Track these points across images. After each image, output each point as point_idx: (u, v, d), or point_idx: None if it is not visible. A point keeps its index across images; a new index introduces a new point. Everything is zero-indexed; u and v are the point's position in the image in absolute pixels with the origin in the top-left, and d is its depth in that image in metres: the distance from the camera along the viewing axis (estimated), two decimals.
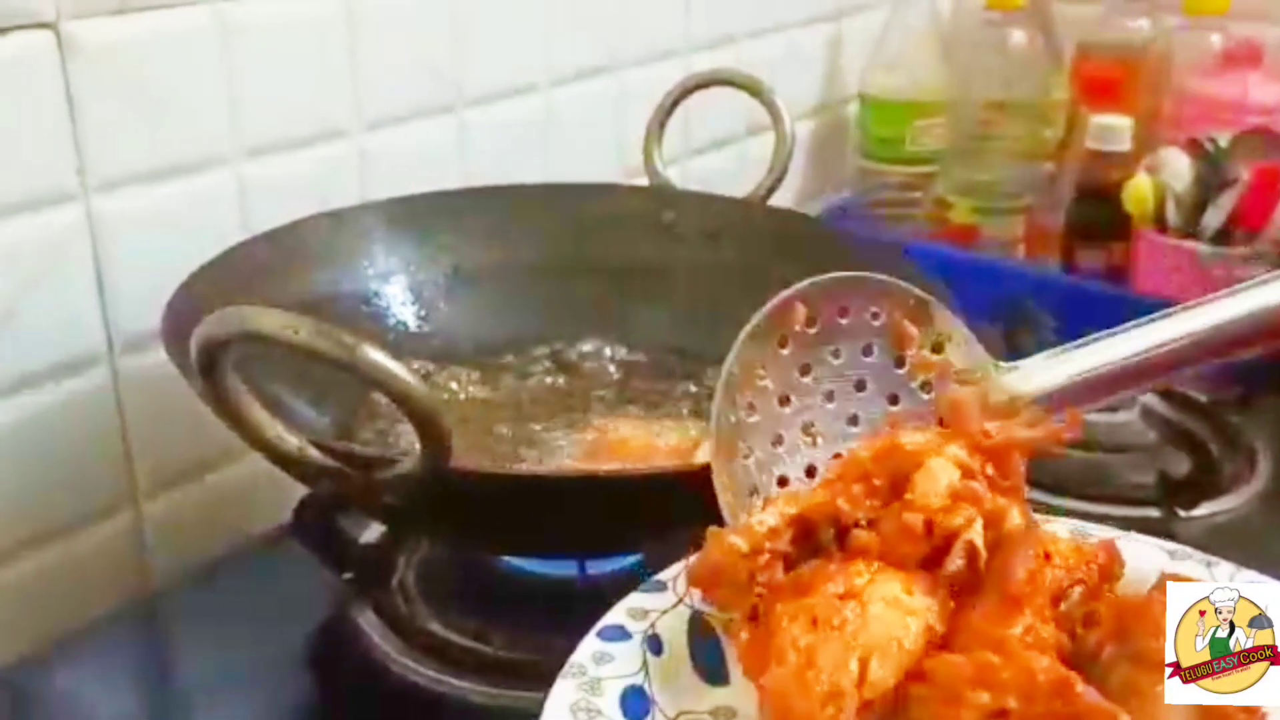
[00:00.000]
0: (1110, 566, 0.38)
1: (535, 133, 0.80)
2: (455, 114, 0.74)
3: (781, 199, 0.69)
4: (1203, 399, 0.70)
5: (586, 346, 0.63)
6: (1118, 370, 0.42)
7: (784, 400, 0.40)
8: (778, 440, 0.40)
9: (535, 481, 0.38)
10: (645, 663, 0.37)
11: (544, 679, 0.49)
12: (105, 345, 0.59)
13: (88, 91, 0.56)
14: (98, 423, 0.60)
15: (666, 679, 0.37)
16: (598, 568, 0.51)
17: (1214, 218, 0.87)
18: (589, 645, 0.37)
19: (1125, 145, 0.92)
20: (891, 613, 0.34)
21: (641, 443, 0.54)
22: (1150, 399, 0.67)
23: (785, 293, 0.40)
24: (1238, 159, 0.87)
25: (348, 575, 0.53)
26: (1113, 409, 0.67)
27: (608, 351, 0.64)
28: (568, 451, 0.54)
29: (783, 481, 0.40)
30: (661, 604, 0.39)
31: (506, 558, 0.53)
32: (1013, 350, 0.75)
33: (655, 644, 0.38)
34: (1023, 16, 1.01)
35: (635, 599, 0.39)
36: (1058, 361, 0.43)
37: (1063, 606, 0.36)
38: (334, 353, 0.32)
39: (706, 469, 0.38)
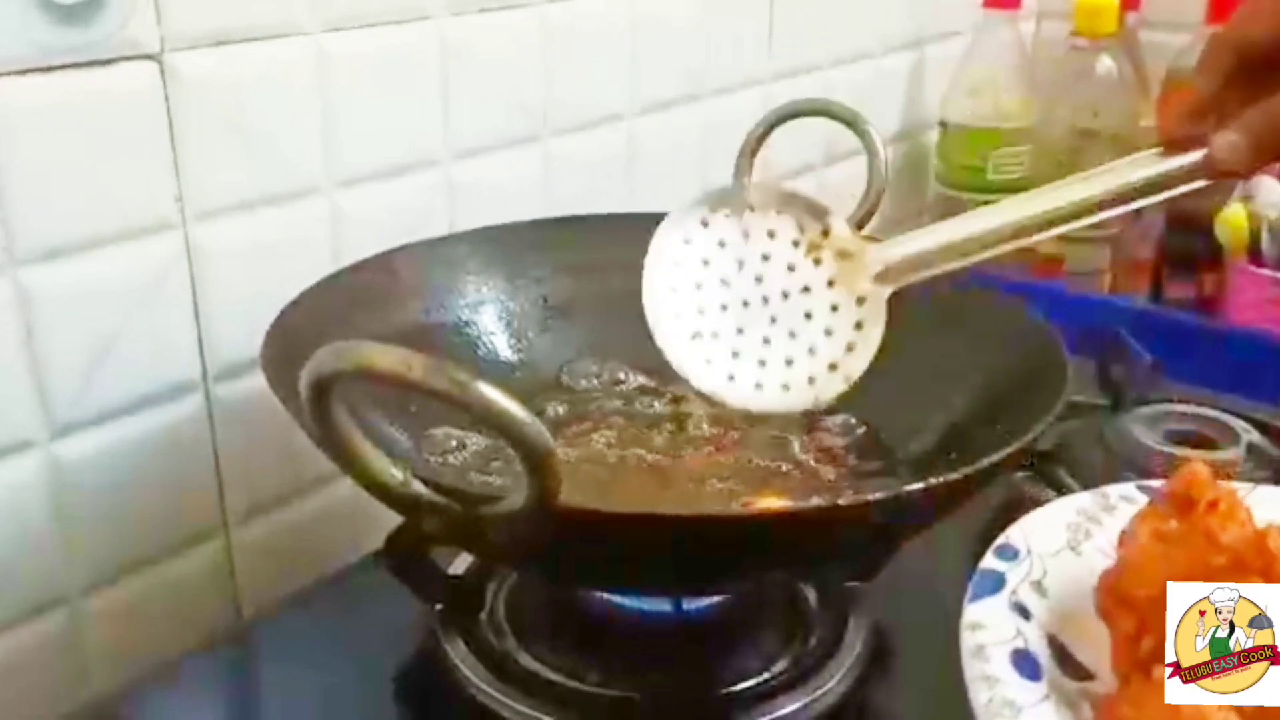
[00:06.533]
0: None
1: (620, 162, 0.80)
2: (541, 143, 0.75)
3: None
4: None
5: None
6: (967, 239, 0.50)
7: (698, 284, 0.52)
8: (700, 311, 0.51)
9: (644, 521, 0.38)
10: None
11: (639, 716, 0.48)
12: (200, 373, 0.60)
13: (188, 122, 0.56)
14: (191, 450, 0.61)
15: None
16: (693, 603, 0.51)
17: None
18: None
19: None
20: None
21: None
22: (1257, 438, 0.65)
23: (706, 191, 0.52)
24: None
25: (439, 606, 0.53)
26: (1217, 446, 0.65)
27: None
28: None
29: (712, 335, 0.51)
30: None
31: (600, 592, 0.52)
32: (1107, 386, 0.74)
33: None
34: (1111, 43, 0.99)
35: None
36: (918, 235, 0.50)
37: None
38: (448, 390, 0.32)
39: (826, 511, 0.37)
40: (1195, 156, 0.46)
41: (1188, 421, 0.68)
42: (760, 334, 0.50)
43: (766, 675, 0.51)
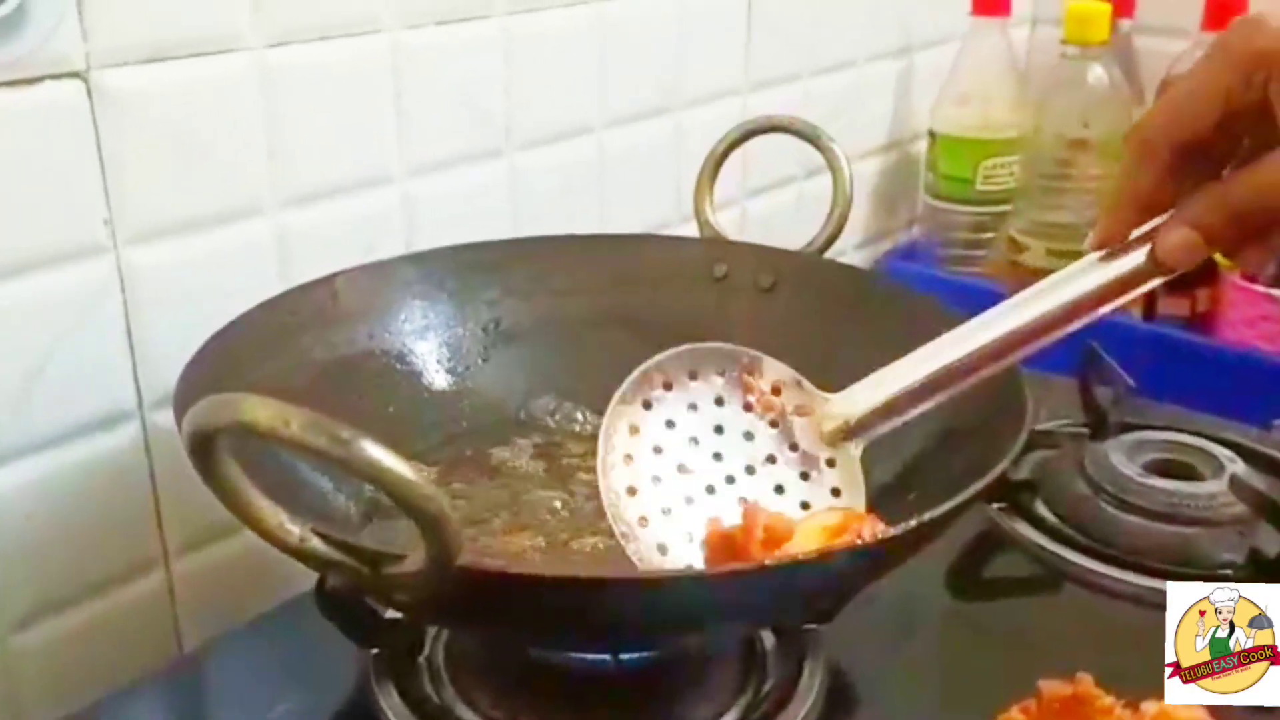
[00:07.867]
0: None
1: (589, 176, 0.78)
2: (504, 158, 0.72)
3: (846, 240, 0.65)
4: None
5: None
6: (927, 382, 0.47)
7: (656, 449, 0.48)
8: (656, 479, 0.47)
9: (546, 583, 0.35)
10: None
11: None
12: (135, 402, 0.57)
13: (119, 141, 0.54)
14: (128, 480, 0.58)
15: None
16: (631, 653, 0.48)
17: None
18: None
19: None
20: None
21: None
22: (1241, 469, 0.62)
23: (641, 367, 0.48)
24: None
25: (374, 650, 0.51)
26: (1199, 478, 0.62)
27: None
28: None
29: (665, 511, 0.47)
30: None
31: None
32: (1089, 407, 0.71)
33: None
34: (1103, 51, 0.96)
35: None
36: (875, 383, 0.48)
37: None
38: (327, 449, 0.30)
39: (733, 573, 0.35)
40: (1139, 258, 0.43)
41: (1170, 450, 0.65)
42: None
43: None
